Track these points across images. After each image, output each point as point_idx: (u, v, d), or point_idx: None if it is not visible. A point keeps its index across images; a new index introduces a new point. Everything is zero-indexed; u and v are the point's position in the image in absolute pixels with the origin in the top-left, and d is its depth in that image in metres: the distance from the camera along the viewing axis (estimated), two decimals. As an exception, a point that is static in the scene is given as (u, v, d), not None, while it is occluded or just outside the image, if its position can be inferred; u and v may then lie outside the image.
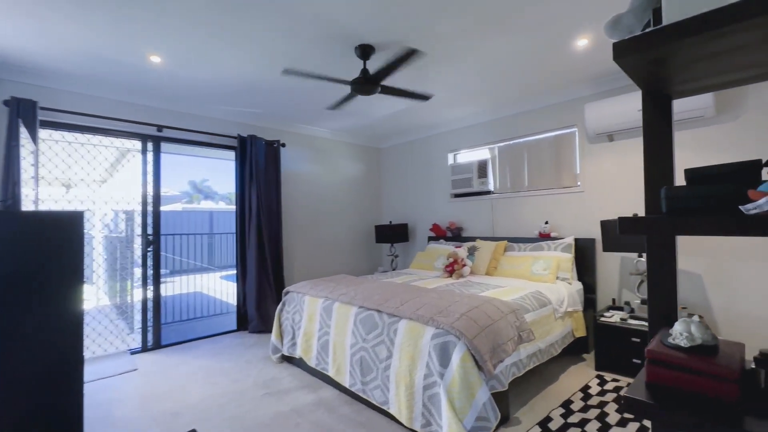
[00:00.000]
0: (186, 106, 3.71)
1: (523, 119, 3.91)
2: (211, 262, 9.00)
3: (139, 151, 3.54)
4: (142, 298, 3.52)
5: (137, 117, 3.43)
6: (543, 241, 3.57)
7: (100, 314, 5.07)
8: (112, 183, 6.50)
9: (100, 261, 6.25)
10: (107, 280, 6.24)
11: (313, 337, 2.80)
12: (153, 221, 3.56)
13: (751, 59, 0.83)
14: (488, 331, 1.99)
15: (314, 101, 3.71)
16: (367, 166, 5.46)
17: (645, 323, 2.70)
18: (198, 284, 7.20)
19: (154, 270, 3.57)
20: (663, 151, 1.07)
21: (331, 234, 4.95)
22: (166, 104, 3.61)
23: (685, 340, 0.82)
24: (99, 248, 6.48)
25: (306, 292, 3.00)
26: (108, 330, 4.12)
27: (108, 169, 5.40)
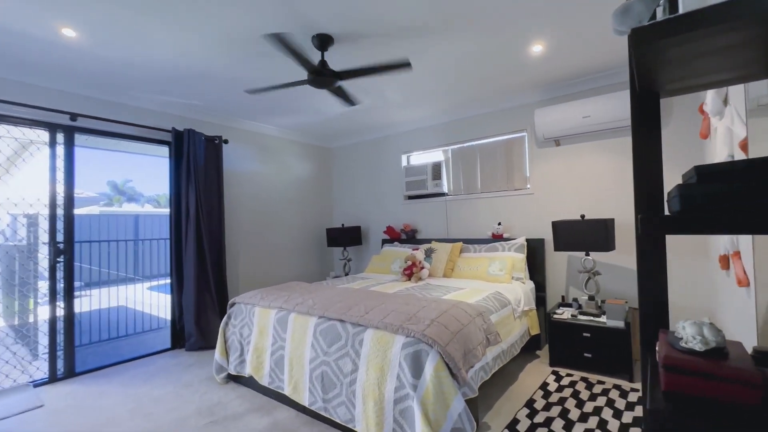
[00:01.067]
0: (108, 92, 3.20)
1: (476, 122, 3.98)
2: (137, 271, 8.05)
3: (46, 144, 2.97)
4: (50, 318, 2.95)
5: (45, 102, 2.88)
6: (496, 241, 3.65)
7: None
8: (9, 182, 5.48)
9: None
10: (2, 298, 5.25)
11: (264, 352, 2.53)
12: (65, 227, 3.01)
13: (747, 57, 0.83)
14: (459, 336, 1.92)
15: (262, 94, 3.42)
16: (318, 166, 5.22)
17: (594, 318, 2.84)
18: (121, 297, 6.37)
19: (66, 283, 3.02)
20: (652, 150, 1.06)
21: (280, 238, 4.63)
22: (83, 89, 3.08)
23: (700, 344, 0.79)
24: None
25: (256, 302, 2.71)
26: (2, 359, 3.40)
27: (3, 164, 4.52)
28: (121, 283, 7.20)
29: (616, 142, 3.18)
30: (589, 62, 2.93)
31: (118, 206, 13.40)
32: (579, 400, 2.34)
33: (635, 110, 1.07)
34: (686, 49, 0.79)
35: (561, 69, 3.04)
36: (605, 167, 3.24)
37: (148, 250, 8.29)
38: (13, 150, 4.37)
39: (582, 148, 3.35)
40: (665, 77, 0.93)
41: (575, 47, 2.67)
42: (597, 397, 2.37)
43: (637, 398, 2.34)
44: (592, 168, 3.30)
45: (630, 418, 2.12)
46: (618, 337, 2.64)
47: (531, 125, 3.60)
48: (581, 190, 3.35)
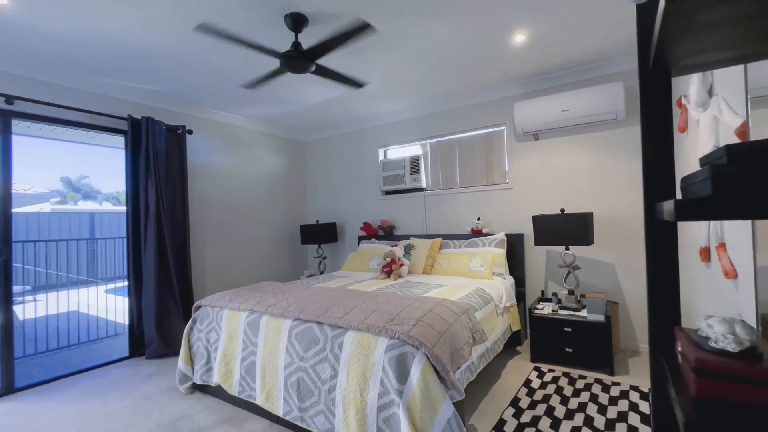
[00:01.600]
0: (52, 73, 2.86)
1: (455, 115, 3.90)
2: (93, 273, 7.48)
3: (-23, 130, 2.61)
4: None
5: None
6: (476, 237, 3.59)
7: None
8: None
9: None
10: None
11: (234, 359, 2.33)
12: (1, 225, 2.66)
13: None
14: (446, 336, 1.82)
15: (229, 78, 3.18)
16: (291, 160, 4.99)
17: (574, 313, 2.83)
18: (75, 302, 5.88)
19: (3, 289, 2.67)
20: (663, 133, 0.98)
21: (250, 236, 4.38)
22: (22, 69, 2.73)
23: (733, 344, 0.71)
24: None
25: (224, 305, 2.50)
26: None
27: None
28: (75, 286, 6.67)
29: (594, 137, 3.18)
30: (569, 55, 2.90)
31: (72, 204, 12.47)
32: (563, 397, 2.31)
33: (646, 89, 0.99)
34: (717, 12, 0.70)
35: (541, 61, 2.99)
36: (583, 162, 3.24)
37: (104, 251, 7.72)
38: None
39: (560, 142, 3.34)
40: (684, 50, 0.85)
41: (557, 38, 2.62)
42: (581, 393, 2.35)
43: (620, 392, 2.33)
44: (571, 162, 3.30)
45: (614, 413, 2.10)
46: (598, 331, 2.63)
47: (510, 119, 3.56)
48: (560, 185, 3.35)
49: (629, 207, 3.05)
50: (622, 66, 3.02)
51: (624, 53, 2.91)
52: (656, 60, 0.92)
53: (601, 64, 3.06)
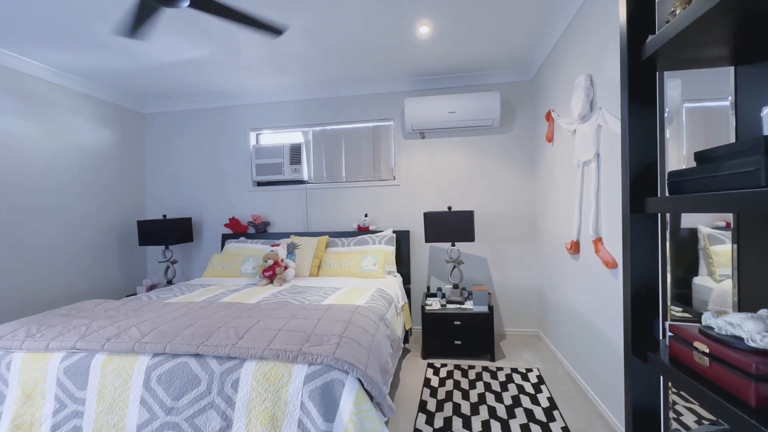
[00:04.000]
0: None
1: (343, 104, 3.63)
2: None
3: None
4: None
5: None
6: (365, 234, 3.41)
7: None
8: None
9: None
10: None
11: (35, 429, 1.49)
12: None
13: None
14: (372, 351, 1.54)
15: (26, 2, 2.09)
16: (123, 136, 3.77)
17: (460, 306, 2.95)
18: None
19: None
20: (646, 126, 0.95)
21: (53, 237, 3.07)
22: None
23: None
24: None
25: (14, 345, 1.58)
26: None
27: None
28: None
29: (476, 140, 3.42)
30: (465, 57, 3.00)
31: None
32: (463, 391, 2.33)
33: (631, 78, 0.94)
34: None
35: (437, 59, 3.02)
36: (465, 162, 3.45)
37: None
38: None
39: (445, 142, 3.48)
40: (686, 42, 0.81)
41: (458, 37, 2.66)
42: (476, 384, 2.42)
43: (505, 377, 2.51)
44: (454, 162, 3.47)
45: (509, 399, 2.22)
46: (483, 321, 2.81)
47: (399, 114, 3.52)
48: (443, 184, 3.48)
49: (500, 206, 3.39)
50: (499, 78, 3.33)
51: (504, 66, 3.21)
52: (647, 53, 0.88)
53: (491, 72, 3.31)
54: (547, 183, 2.97)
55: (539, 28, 2.57)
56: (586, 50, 2.12)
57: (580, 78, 2.11)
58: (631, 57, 0.93)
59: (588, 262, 2.17)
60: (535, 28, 2.56)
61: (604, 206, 1.94)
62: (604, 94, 1.92)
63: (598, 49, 1.96)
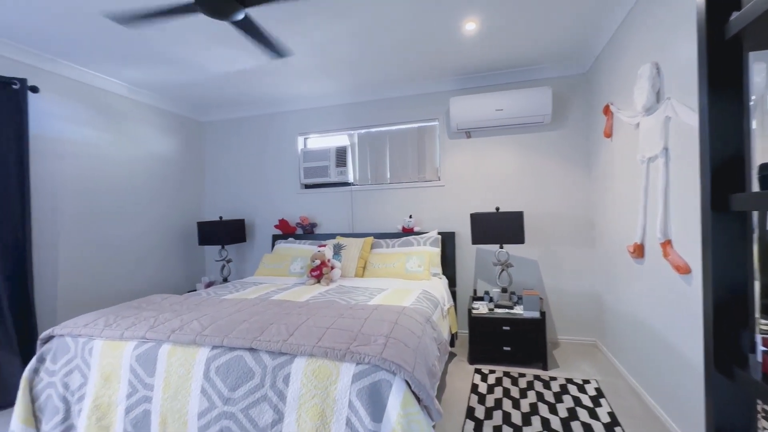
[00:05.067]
0: None
1: (387, 106, 3.65)
2: None
3: None
4: None
5: None
6: (409, 236, 3.40)
7: None
8: None
9: None
10: None
11: (113, 410, 1.64)
12: None
13: None
14: (419, 353, 1.52)
15: (109, 20, 2.33)
16: (186, 143, 4.08)
17: (510, 311, 2.84)
18: None
19: None
20: (732, 114, 0.85)
21: (127, 237, 3.39)
22: None
23: None
24: None
25: (96, 333, 1.76)
26: None
27: None
28: None
29: (526, 138, 3.28)
30: (514, 52, 2.89)
31: None
32: (513, 400, 2.24)
33: (711, 61, 0.85)
34: None
35: (484, 56, 2.94)
36: (514, 161, 3.32)
37: None
38: None
39: (492, 141, 3.37)
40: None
41: (507, 32, 2.57)
42: (527, 393, 2.31)
43: (560, 387, 2.37)
44: (501, 162, 3.35)
45: (564, 411, 2.09)
46: (534, 327, 2.68)
47: (444, 114, 3.47)
48: (490, 184, 3.38)
49: (553, 206, 3.22)
50: (551, 72, 3.17)
51: (556, 60, 3.05)
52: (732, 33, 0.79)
53: (535, 68, 3.17)
54: (605, 181, 2.77)
55: (596, 17, 2.41)
56: (650, 36, 1.95)
57: (644, 67, 1.95)
58: (712, 38, 0.83)
59: (655, 267, 1.99)
60: (592, 17, 2.40)
61: (675, 205, 1.76)
62: (672, 82, 1.75)
63: (665, 34, 1.80)
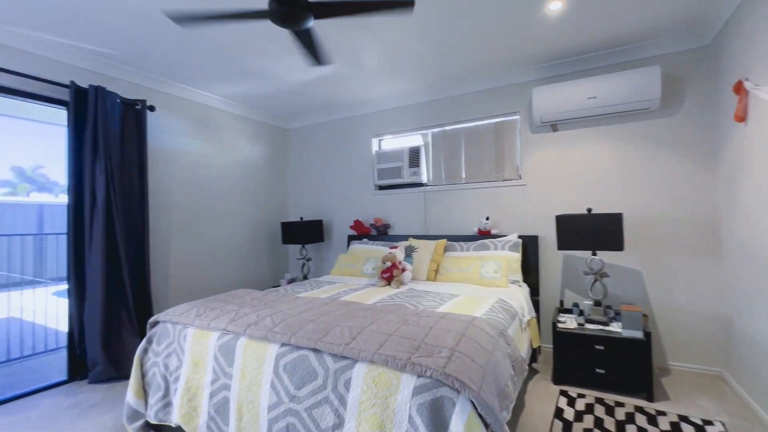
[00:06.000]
0: (-36, 20, 2.22)
1: (462, 102, 3.48)
2: (41, 273, 6.62)
3: None
4: None
5: None
6: (485, 239, 3.19)
7: None
8: None
9: None
10: None
11: (200, 393, 1.80)
12: None
13: None
14: (489, 371, 1.38)
15: (208, 43, 2.62)
16: (271, 149, 4.43)
17: (604, 328, 2.47)
18: (15, 306, 5.08)
19: None
20: None
21: (223, 235, 3.79)
22: None
23: None
24: None
25: (189, 322, 1.96)
26: None
27: None
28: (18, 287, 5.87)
29: (626, 128, 2.84)
30: (610, 30, 2.52)
31: (24, 195, 11.30)
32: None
33: None
34: None
35: (573, 38, 2.61)
36: (610, 155, 2.89)
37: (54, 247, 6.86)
38: None
39: (583, 134, 2.99)
40: None
41: (601, 9, 2.24)
42: (625, 427, 1.97)
43: (670, 425, 1.97)
44: (594, 156, 2.95)
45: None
46: (636, 348, 2.28)
47: (526, 106, 3.18)
48: (580, 182, 2.99)
49: (661, 208, 2.73)
50: (660, 49, 2.69)
51: (666, 33, 2.57)
52: None
53: (637, 46, 2.72)
54: (736, 177, 2.24)
55: (723, -26, 1.96)
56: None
57: (797, 27, 1.50)
58: None
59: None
60: (717, -26, 1.96)
61: None
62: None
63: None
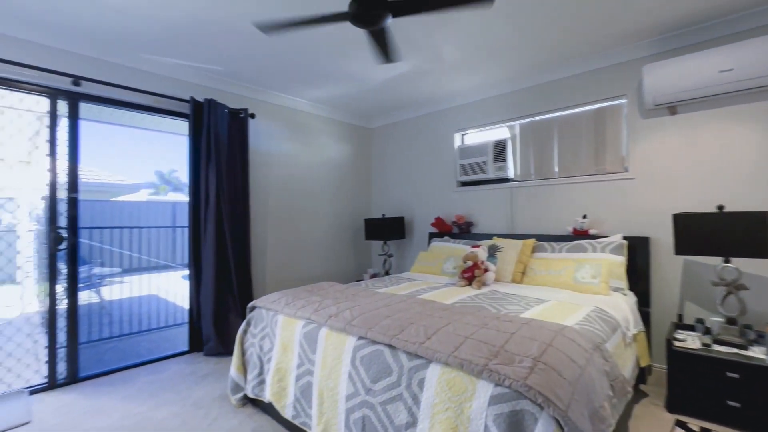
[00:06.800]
0: (116, 52, 2.74)
1: (555, 89, 3.17)
2: (174, 258, 7.96)
3: (46, 115, 2.55)
4: (47, 312, 2.55)
5: (41, 61, 2.44)
6: (581, 239, 2.86)
7: (29, 324, 4.04)
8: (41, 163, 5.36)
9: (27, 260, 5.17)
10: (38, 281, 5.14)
11: (288, 375, 1.96)
12: (68, 211, 2.60)
13: None
14: (580, 388, 1.22)
15: (298, 56, 2.84)
16: (355, 148, 4.60)
17: (740, 351, 2.01)
18: (155, 285, 6.16)
19: (69, 274, 2.61)
20: None
21: (311, 230, 4.07)
22: (87, 48, 2.63)
23: None
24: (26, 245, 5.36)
25: (279, 309, 2.14)
26: (23, 349, 3.12)
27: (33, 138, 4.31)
28: (156, 270, 7.12)
29: (753, 107, 2.28)
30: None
31: (163, 195, 13.76)
32: (742, 481, 1.57)
33: None
34: None
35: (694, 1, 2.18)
36: (748, 140, 2.35)
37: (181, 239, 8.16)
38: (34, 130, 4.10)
39: (712, 116, 2.48)
40: None
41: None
42: (769, 478, 1.58)
43: (840, 486, 1.52)
44: (727, 142, 2.42)
45: None
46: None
47: (634, 88, 2.76)
48: (706, 174, 2.49)
49: (830, 205, 2.12)
50: (831, -2, 2.09)
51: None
52: None
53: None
54: None
55: None
56: None
57: None
58: None
59: None
60: None
61: None
62: None
63: None
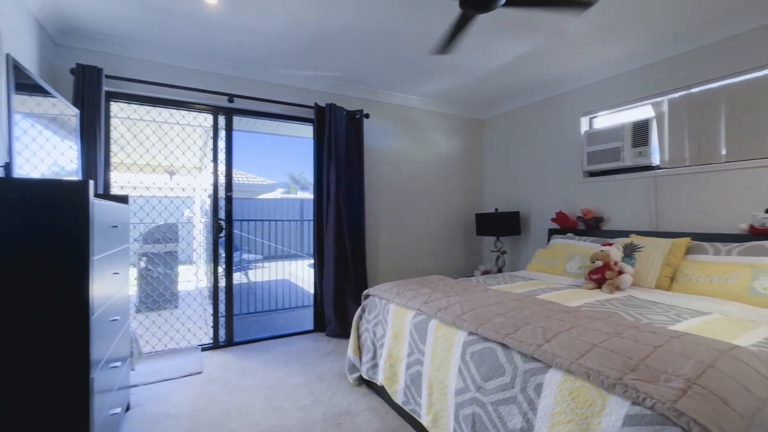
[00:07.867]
0: (255, 71, 3.21)
1: (720, 51, 2.54)
2: (302, 249, 9.06)
3: (210, 128, 3.16)
4: (212, 287, 3.19)
5: (204, 85, 3.03)
6: (761, 239, 2.23)
7: (201, 296, 5.12)
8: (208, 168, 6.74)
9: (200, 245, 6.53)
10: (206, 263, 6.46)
11: (399, 362, 2.03)
12: (225, 206, 3.18)
13: None
14: (755, 424, 0.96)
15: (408, 53, 2.91)
16: (466, 141, 4.48)
17: None
18: (287, 271, 7.10)
19: (227, 258, 3.20)
20: None
21: (421, 224, 4.13)
22: (235, 69, 3.15)
23: None
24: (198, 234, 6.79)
25: (391, 298, 2.24)
26: (197, 315, 3.98)
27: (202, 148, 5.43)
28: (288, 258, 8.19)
29: None
30: None
31: (294, 194, 15.79)
32: None
33: None
34: None
35: None
36: None
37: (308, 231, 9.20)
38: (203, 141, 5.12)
39: None
40: None
41: None
42: None
43: None
44: None
45: None
46: None
47: None
48: None
49: None
50: None
51: None
52: None
53: None
54: None
55: None
56: None
57: None
58: None
59: None
60: None
61: None
62: None
63: None
